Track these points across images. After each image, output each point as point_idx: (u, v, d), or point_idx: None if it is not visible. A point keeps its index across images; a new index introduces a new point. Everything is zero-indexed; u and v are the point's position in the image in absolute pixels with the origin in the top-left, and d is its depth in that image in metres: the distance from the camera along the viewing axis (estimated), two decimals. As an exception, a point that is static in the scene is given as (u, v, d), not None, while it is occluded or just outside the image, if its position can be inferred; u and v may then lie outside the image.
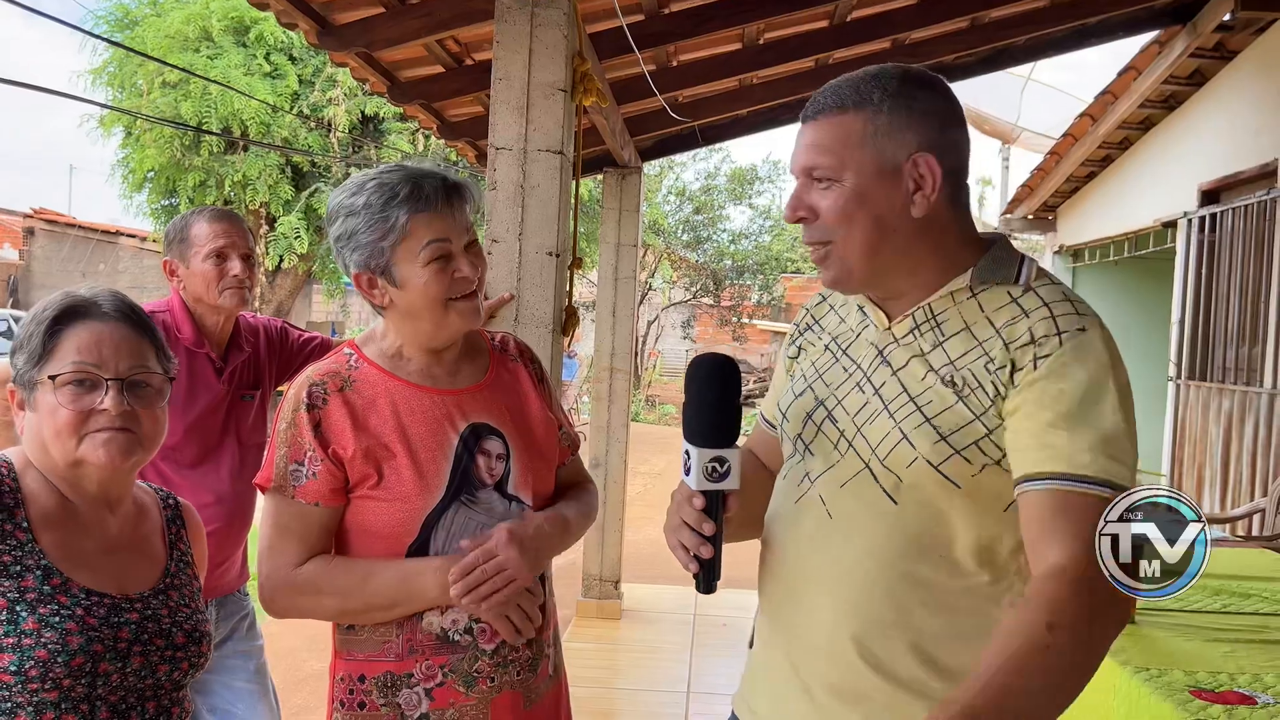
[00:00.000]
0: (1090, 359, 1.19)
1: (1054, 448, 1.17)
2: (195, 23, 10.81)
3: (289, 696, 2.82)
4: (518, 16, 2.74)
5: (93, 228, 16.02)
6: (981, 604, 1.25)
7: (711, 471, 1.28)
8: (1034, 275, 1.27)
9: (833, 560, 1.29)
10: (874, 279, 1.31)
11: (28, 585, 1.27)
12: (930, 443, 1.22)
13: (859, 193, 1.25)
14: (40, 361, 1.33)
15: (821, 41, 4.78)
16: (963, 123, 1.30)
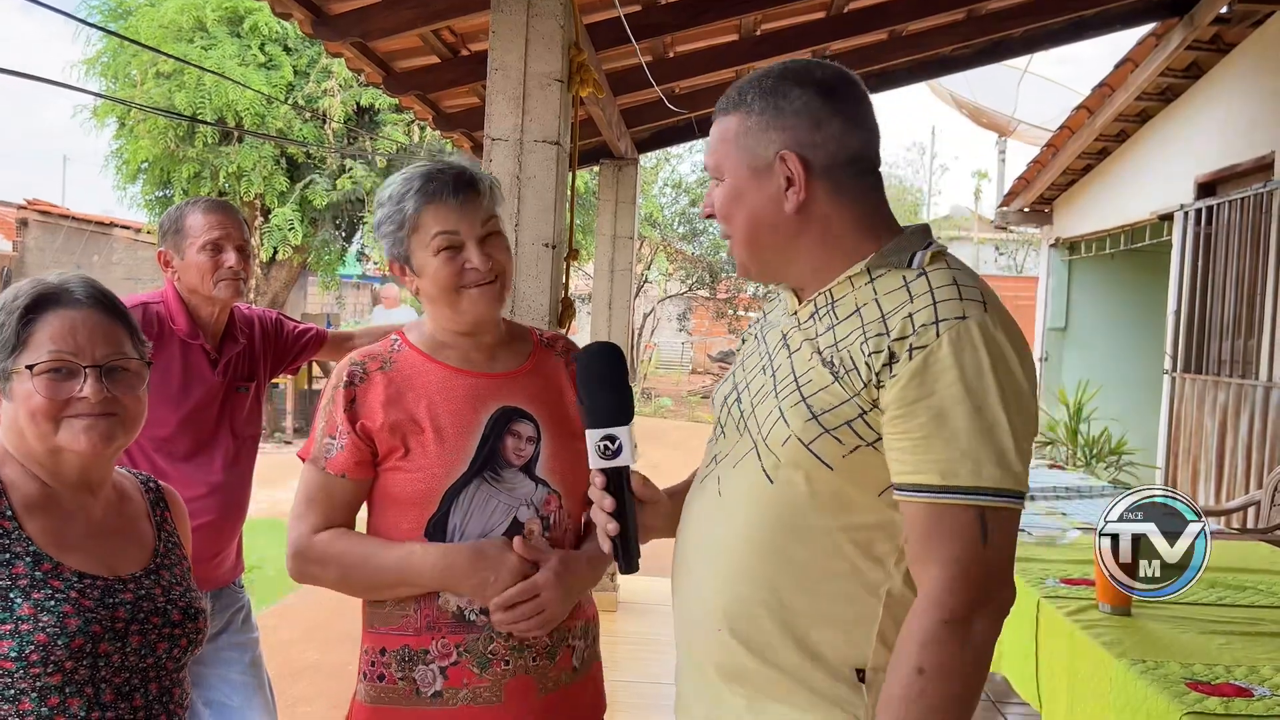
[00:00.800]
0: (968, 352, 1.15)
1: (926, 455, 1.15)
2: (189, 13, 10.74)
3: (285, 688, 2.82)
4: (514, 6, 2.73)
5: (87, 219, 15.93)
6: (857, 591, 1.25)
7: (604, 450, 1.38)
8: (929, 259, 1.26)
9: (715, 539, 1.33)
10: (768, 270, 1.36)
11: (19, 572, 1.27)
12: (802, 420, 1.23)
13: (736, 190, 1.32)
14: (15, 351, 1.32)
15: (819, 33, 4.77)
16: (850, 119, 1.30)
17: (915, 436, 1.16)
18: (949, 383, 1.14)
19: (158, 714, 1.35)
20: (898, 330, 1.18)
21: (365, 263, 14.39)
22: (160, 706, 1.36)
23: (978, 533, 1.13)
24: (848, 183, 1.30)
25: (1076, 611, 2.43)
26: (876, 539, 1.24)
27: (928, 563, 1.16)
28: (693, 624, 1.36)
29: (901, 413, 1.17)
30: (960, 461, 1.13)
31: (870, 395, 1.20)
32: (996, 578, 1.16)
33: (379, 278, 16.46)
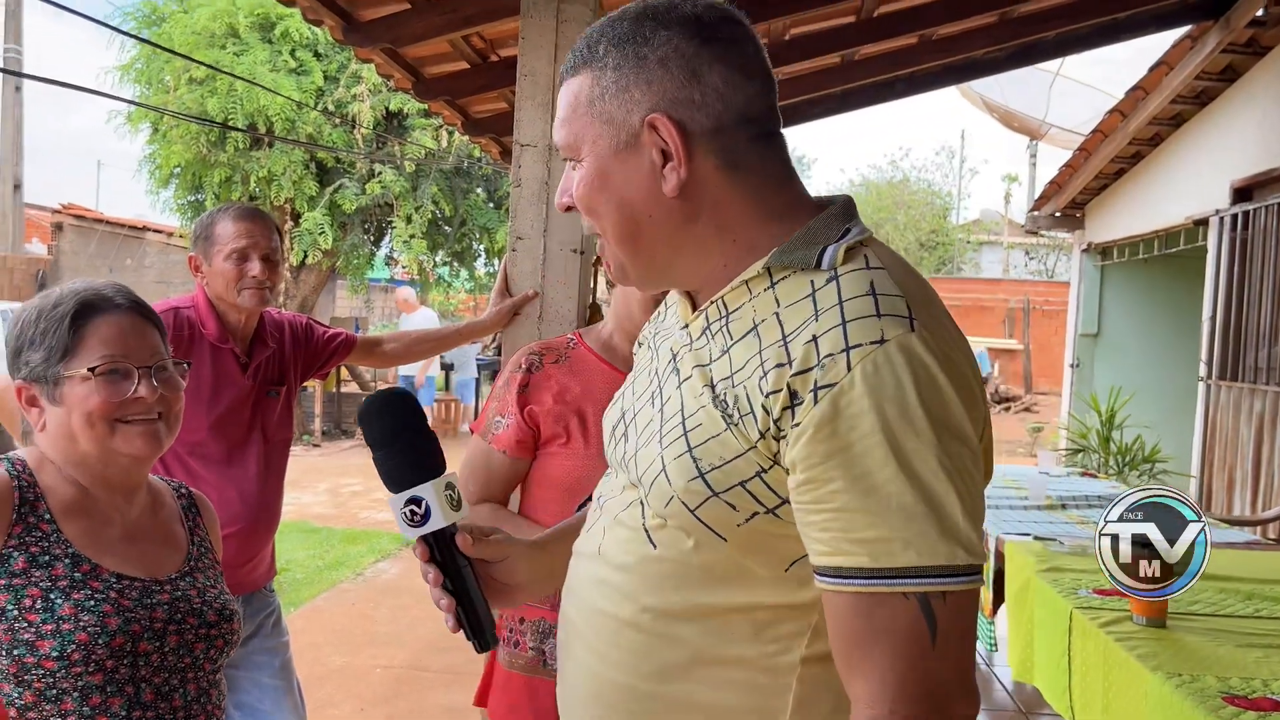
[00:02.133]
0: (889, 388, 0.86)
1: (848, 532, 0.87)
2: (222, 19, 10.86)
3: (313, 691, 2.83)
4: (543, 12, 2.73)
5: (120, 223, 16.15)
6: (762, 679, 0.99)
7: (411, 516, 1.12)
8: (842, 256, 0.94)
9: (593, 612, 1.07)
10: (652, 272, 1.05)
11: (58, 574, 1.29)
12: (686, 480, 0.95)
13: (599, 173, 1.00)
14: (65, 357, 1.34)
15: (848, 37, 4.75)
16: (737, 66, 0.98)
17: (832, 507, 0.87)
18: (866, 432, 0.86)
19: (196, 714, 1.37)
20: (800, 360, 0.89)
21: (393, 266, 14.46)
22: (199, 707, 1.38)
23: (924, 628, 0.85)
24: (742, 151, 0.99)
25: (1110, 623, 2.40)
26: (784, 618, 0.98)
27: (860, 668, 0.88)
28: (571, 700, 1.11)
29: (811, 475, 0.88)
30: (895, 538, 0.85)
31: (769, 449, 0.91)
32: (951, 685, 0.87)
33: (406, 281, 16.57)
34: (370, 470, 4.77)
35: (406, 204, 11.26)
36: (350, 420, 12.17)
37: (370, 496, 8.49)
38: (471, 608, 1.14)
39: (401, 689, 4.15)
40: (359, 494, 8.62)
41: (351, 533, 7.02)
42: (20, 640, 1.24)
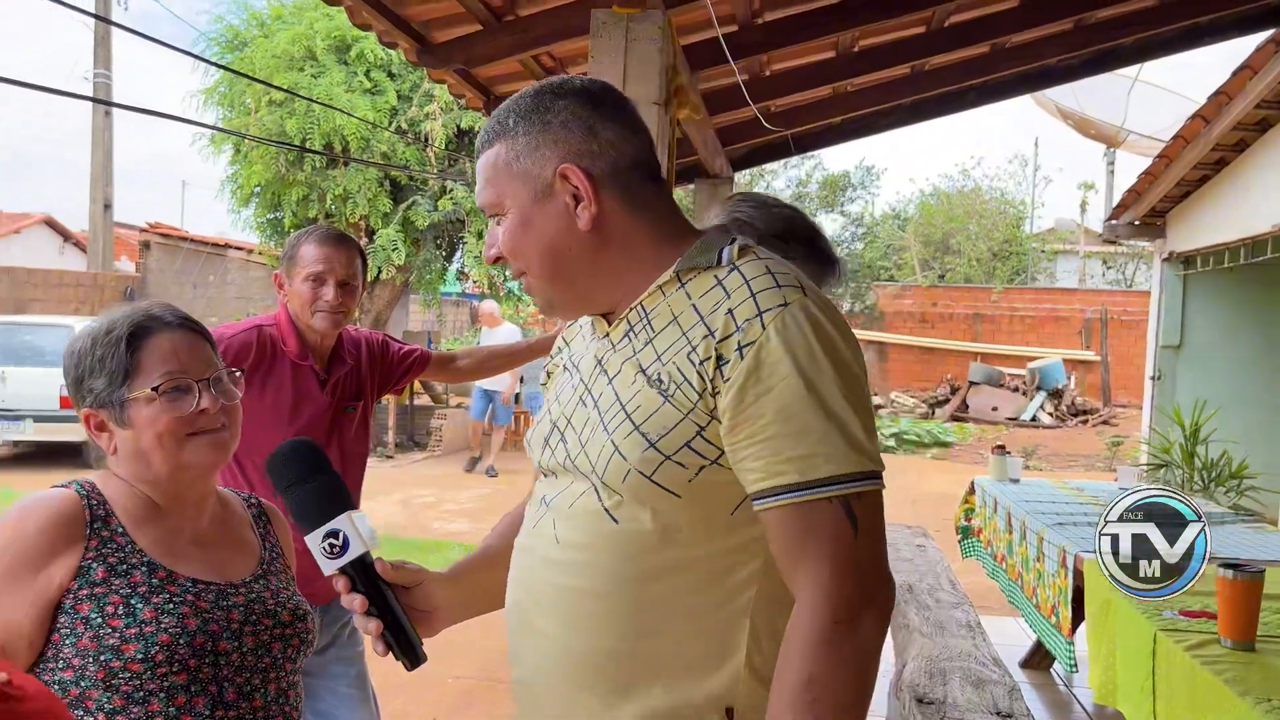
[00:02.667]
0: (796, 337, 1.09)
1: (779, 455, 1.08)
2: (300, 42, 11.18)
3: (387, 701, 2.88)
4: (613, 31, 2.76)
5: (203, 241, 16.68)
6: (720, 624, 1.16)
7: (330, 550, 1.23)
8: (738, 253, 1.19)
9: (560, 590, 1.21)
10: (575, 300, 1.26)
11: (136, 580, 1.33)
12: (640, 451, 1.14)
13: (522, 221, 1.21)
14: (127, 380, 1.38)
15: (918, 47, 4.71)
16: (623, 123, 1.22)
17: (763, 438, 1.09)
18: (784, 374, 1.08)
19: (275, 715, 1.41)
20: (721, 329, 1.12)
21: (464, 281, 14.68)
22: (278, 707, 1.41)
23: (847, 524, 1.07)
24: (638, 189, 1.21)
25: (1197, 646, 2.32)
26: (736, 563, 1.17)
27: (801, 567, 1.09)
28: (542, 687, 1.24)
29: (743, 417, 1.10)
30: (815, 454, 1.07)
31: (706, 406, 1.12)
32: (874, 571, 1.10)
33: (477, 295, 16.77)
34: (442, 481, 4.87)
35: (478, 219, 11.43)
36: (423, 433, 12.36)
37: (442, 508, 8.62)
38: (399, 627, 1.25)
39: (473, 700, 4.20)
40: (431, 505, 8.75)
41: (424, 543, 7.12)
42: (106, 646, 1.29)
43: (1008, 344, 18.56)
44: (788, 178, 19.38)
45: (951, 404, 16.50)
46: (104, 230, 18.55)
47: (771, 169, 18.57)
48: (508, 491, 9.00)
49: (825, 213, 19.26)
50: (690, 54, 3.77)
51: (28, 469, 10.02)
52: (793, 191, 19.22)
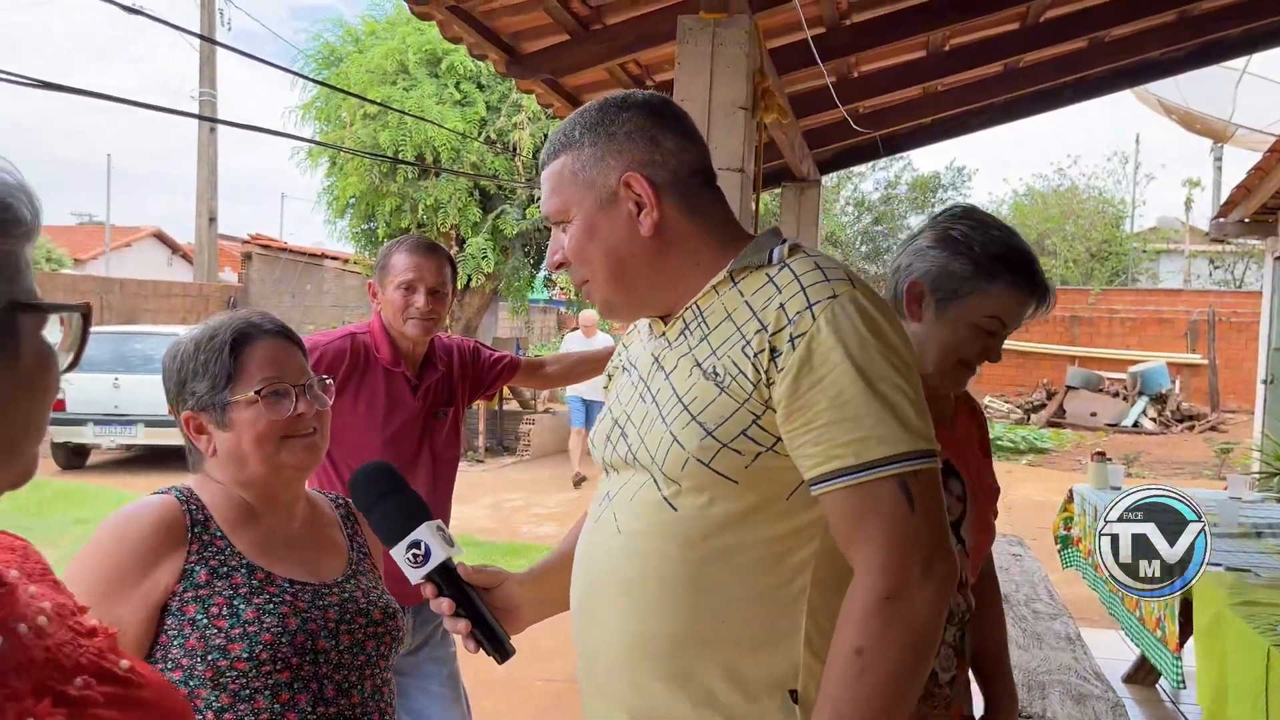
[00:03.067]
0: (847, 328, 1.14)
1: (835, 440, 1.12)
2: (393, 57, 11.48)
3: (477, 702, 2.92)
4: (699, 37, 2.76)
5: (301, 251, 17.23)
6: (779, 606, 1.19)
7: (414, 560, 1.30)
8: (787, 252, 1.24)
9: (622, 578, 1.25)
10: (636, 302, 1.32)
11: (238, 582, 1.39)
12: (697, 439, 1.18)
13: (587, 227, 1.27)
14: (230, 383, 1.44)
15: (1011, 44, 4.59)
16: (682, 133, 1.29)
17: (819, 425, 1.13)
18: (836, 361, 1.12)
19: (371, 711, 1.44)
20: (773, 323, 1.16)
21: (551, 288, 14.86)
22: (374, 704, 1.45)
23: (904, 502, 1.10)
24: (696, 196, 1.28)
25: (1315, 663, 2.21)
26: (793, 547, 1.20)
27: (859, 545, 1.12)
28: (605, 671, 1.28)
29: (798, 405, 1.14)
30: (870, 436, 1.11)
31: (761, 396, 1.17)
32: (932, 546, 1.12)
33: (563, 301, 16.93)
34: (531, 485, 4.94)
35: (564, 227, 11.53)
36: (512, 437, 12.53)
37: (531, 511, 8.72)
38: (485, 625, 1.32)
39: (562, 702, 4.23)
40: (520, 509, 8.86)
41: (513, 546, 7.22)
42: (213, 646, 1.33)
43: (1107, 347, 17.96)
44: (876, 180, 19.12)
45: (1048, 409, 16.03)
46: (209, 242, 19.30)
47: (859, 171, 18.34)
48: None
49: (916, 214, 18.92)
50: (776, 57, 3.75)
51: (139, 471, 10.48)
52: (881, 193, 18.96)
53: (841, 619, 1.12)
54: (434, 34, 10.84)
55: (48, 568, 0.85)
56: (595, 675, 1.30)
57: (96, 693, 0.72)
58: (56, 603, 0.79)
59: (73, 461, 10.67)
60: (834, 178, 16.79)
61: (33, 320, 0.70)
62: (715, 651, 1.20)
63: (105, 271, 23.42)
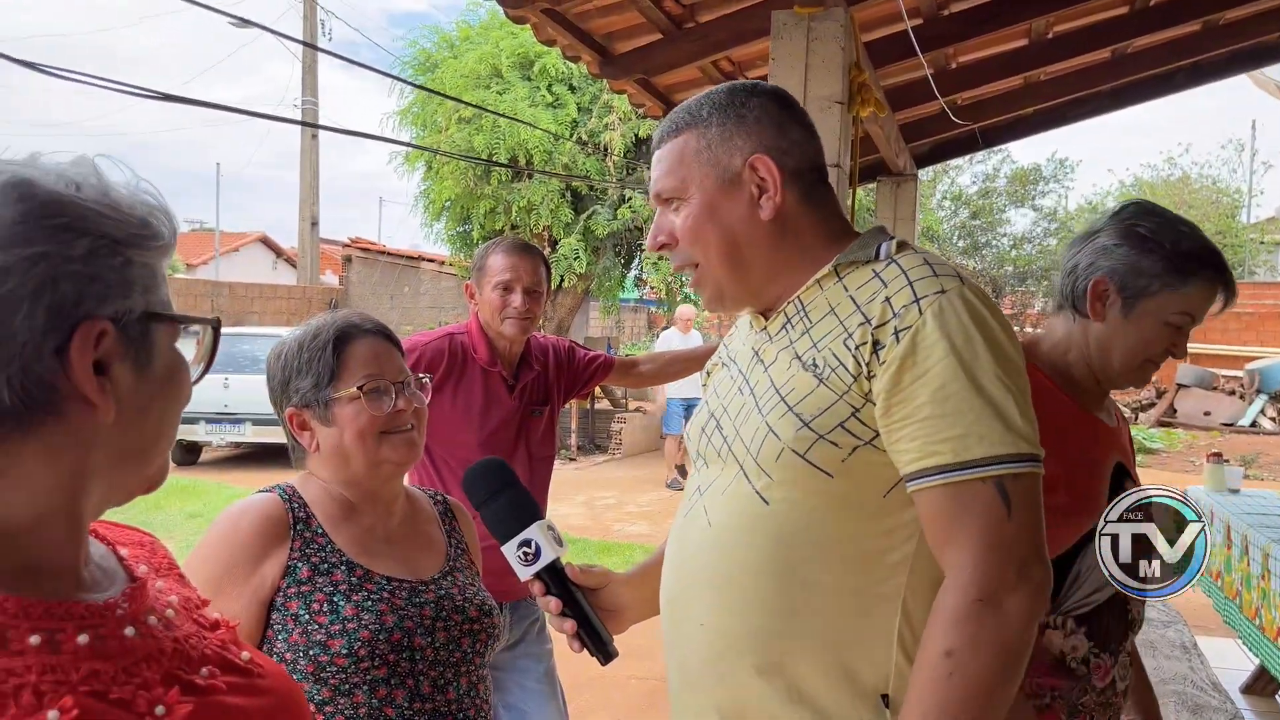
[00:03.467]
0: (953, 322, 1.11)
1: (934, 436, 1.09)
2: (487, 61, 11.67)
3: (572, 698, 2.94)
4: (794, 32, 2.73)
5: (399, 254, 17.64)
6: (873, 604, 1.16)
7: (525, 558, 1.31)
8: (895, 248, 1.23)
9: (713, 573, 1.23)
10: (747, 292, 1.30)
11: (338, 579, 1.42)
12: (793, 430, 1.16)
13: (706, 207, 1.25)
14: (333, 380, 1.48)
15: (1120, 29, 4.42)
16: (806, 127, 1.29)
17: (918, 419, 1.10)
18: (941, 356, 1.10)
19: (467, 707, 1.46)
20: (878, 316, 1.15)
21: (642, 287, 14.90)
22: (469, 700, 1.47)
23: (1001, 505, 1.07)
24: (813, 188, 1.27)
25: None
26: (889, 546, 1.17)
27: (952, 545, 1.09)
28: (696, 663, 1.26)
29: (899, 398, 1.11)
30: (970, 434, 1.08)
31: (861, 389, 1.14)
32: (1027, 552, 1.08)
33: (654, 301, 16.96)
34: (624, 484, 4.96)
35: (655, 226, 11.56)
36: (604, 435, 12.61)
37: (623, 509, 8.76)
38: (590, 626, 1.33)
39: (656, 700, 4.24)
40: (613, 506, 8.91)
41: (606, 544, 7.26)
42: (314, 641, 1.37)
43: (1221, 343, 17.17)
44: (973, 173, 18.64)
45: (1158, 408, 15.40)
46: (311, 246, 19.92)
47: (956, 164, 17.90)
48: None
49: (1015, 208, 18.41)
50: (872, 50, 3.68)
51: (247, 468, 10.88)
52: (979, 187, 18.49)
53: (932, 620, 1.09)
54: (527, 37, 11.00)
55: (173, 562, 0.89)
56: (685, 670, 1.29)
57: (220, 682, 0.75)
58: (182, 596, 0.82)
59: (186, 458, 11.13)
60: (930, 172, 16.45)
61: (167, 331, 0.74)
62: (806, 648, 1.18)
63: (215, 275, 24.40)
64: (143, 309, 0.71)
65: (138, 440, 0.73)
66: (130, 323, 0.70)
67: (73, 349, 0.66)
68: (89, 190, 0.69)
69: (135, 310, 0.70)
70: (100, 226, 0.68)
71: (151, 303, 0.72)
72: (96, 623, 0.70)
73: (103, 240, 0.68)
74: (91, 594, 0.73)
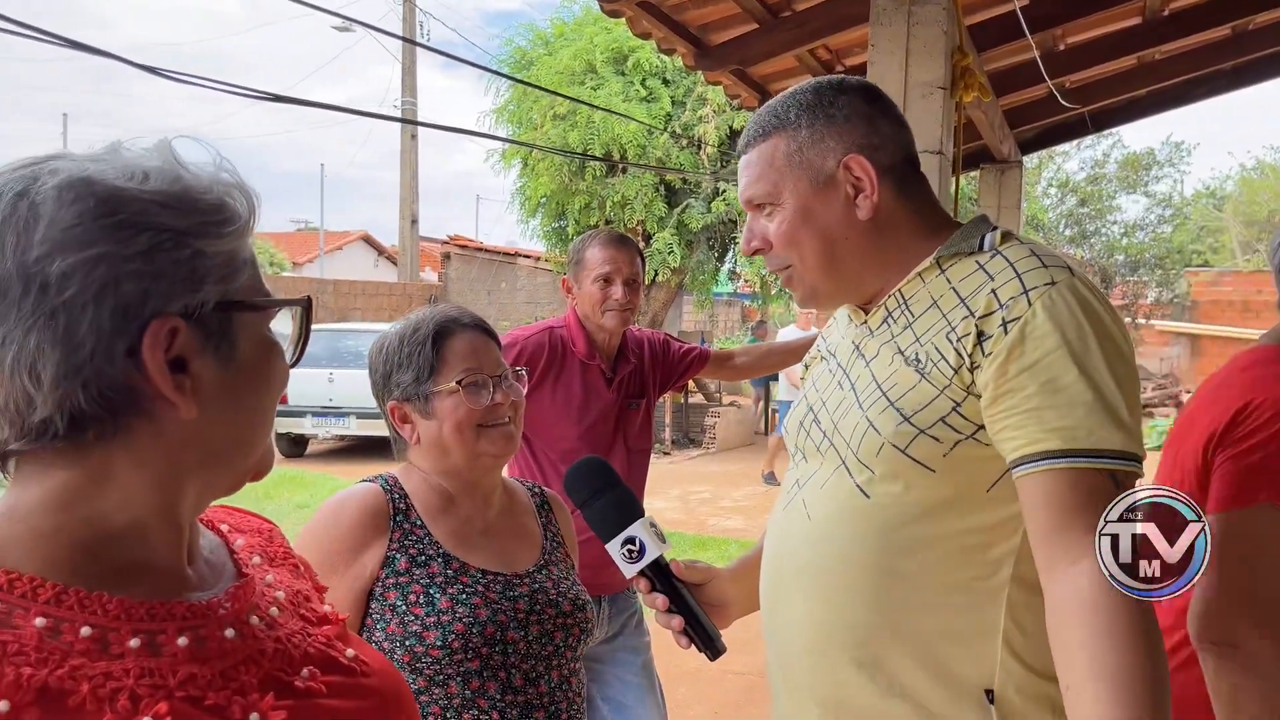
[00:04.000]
0: (1064, 314, 1.08)
1: (1043, 425, 1.06)
2: (581, 57, 11.75)
3: (670, 691, 2.95)
4: (894, 17, 2.67)
5: (495, 250, 17.93)
6: (977, 600, 1.14)
7: (629, 555, 1.31)
8: (999, 239, 1.20)
9: (813, 565, 1.22)
10: (842, 290, 1.28)
11: (434, 571, 1.44)
12: (894, 425, 1.15)
13: (801, 211, 1.24)
14: (432, 374, 1.50)
15: (1240, 5, 4.20)
16: (895, 119, 1.27)
17: (1026, 409, 1.07)
18: (1051, 348, 1.07)
19: (559, 700, 1.47)
20: (983, 308, 1.12)
21: (735, 280, 14.83)
22: (561, 693, 1.48)
23: (1116, 495, 1.03)
24: (907, 182, 1.26)
25: None
26: (992, 541, 1.14)
27: (1065, 534, 1.04)
28: (795, 656, 1.26)
29: (1006, 388, 1.09)
30: (1080, 426, 1.05)
31: (963, 381, 1.12)
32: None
33: (748, 294, 16.85)
34: (718, 478, 4.94)
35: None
36: (697, 430, 12.60)
37: (718, 504, 8.74)
38: (696, 622, 1.32)
39: (753, 696, 4.22)
40: (707, 501, 8.89)
41: (700, 539, 7.25)
42: (410, 632, 1.39)
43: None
44: (1081, 159, 18.02)
45: None
46: (411, 244, 20.40)
47: (1063, 150, 17.35)
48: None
49: (1126, 194, 17.71)
50: (975, 33, 3.58)
51: (352, 460, 11.20)
52: (1087, 173, 17.85)
53: (1062, 612, 1.05)
54: (620, 32, 11.03)
55: (289, 551, 0.89)
56: (785, 663, 1.29)
57: (321, 684, 0.74)
58: (291, 590, 0.81)
59: (293, 450, 11.50)
60: (1034, 158, 15.94)
61: (251, 318, 0.72)
62: (908, 642, 1.16)
63: (319, 274, 25.18)
64: (217, 299, 0.68)
65: (231, 431, 0.72)
66: (205, 315, 0.68)
67: (144, 349, 0.64)
68: (156, 179, 0.67)
69: (209, 302, 0.68)
70: (161, 219, 0.66)
71: (229, 291, 0.70)
72: (197, 623, 0.69)
73: (165, 234, 0.66)
74: (196, 593, 0.72)
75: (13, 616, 0.62)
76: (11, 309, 0.62)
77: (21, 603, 0.63)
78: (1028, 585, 1.13)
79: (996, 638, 1.14)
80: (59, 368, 0.63)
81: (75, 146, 0.76)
